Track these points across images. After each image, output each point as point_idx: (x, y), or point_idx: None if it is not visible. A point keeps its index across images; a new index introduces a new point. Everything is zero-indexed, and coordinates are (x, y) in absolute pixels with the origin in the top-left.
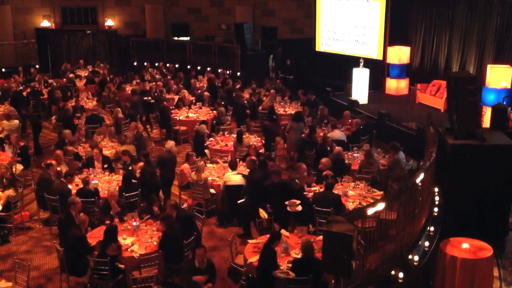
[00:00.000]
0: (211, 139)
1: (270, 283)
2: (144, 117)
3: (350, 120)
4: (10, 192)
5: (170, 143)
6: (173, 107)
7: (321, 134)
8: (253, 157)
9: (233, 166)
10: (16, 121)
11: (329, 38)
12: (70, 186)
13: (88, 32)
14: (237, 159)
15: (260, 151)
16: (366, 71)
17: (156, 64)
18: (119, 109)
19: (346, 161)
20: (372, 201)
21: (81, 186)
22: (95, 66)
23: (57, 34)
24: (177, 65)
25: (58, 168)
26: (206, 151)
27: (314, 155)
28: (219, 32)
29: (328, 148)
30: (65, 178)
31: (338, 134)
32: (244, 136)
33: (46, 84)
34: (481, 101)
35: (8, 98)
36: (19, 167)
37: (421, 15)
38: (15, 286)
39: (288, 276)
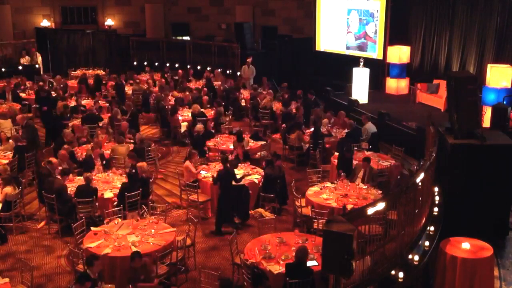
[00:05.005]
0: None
1: None
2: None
3: (344, 120)
4: (8, 190)
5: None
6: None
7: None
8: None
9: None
10: (8, 120)
11: (329, 38)
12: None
13: (88, 31)
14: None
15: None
16: (366, 71)
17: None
18: (117, 109)
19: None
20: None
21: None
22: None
23: (57, 34)
24: (177, 65)
25: (60, 167)
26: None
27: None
28: (219, 32)
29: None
30: (61, 176)
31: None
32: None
33: (50, 85)
34: (481, 100)
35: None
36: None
37: (421, 14)
38: (15, 286)
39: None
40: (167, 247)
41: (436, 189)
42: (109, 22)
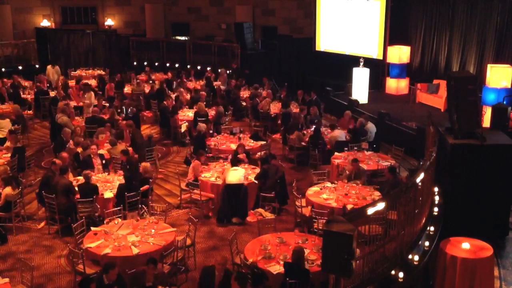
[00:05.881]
0: (216, 138)
1: None
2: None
3: (350, 120)
4: (8, 190)
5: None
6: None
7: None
8: None
9: (234, 163)
10: (7, 120)
11: (329, 38)
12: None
13: (88, 31)
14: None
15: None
16: (366, 71)
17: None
18: (113, 110)
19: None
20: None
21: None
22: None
23: (57, 34)
24: (177, 65)
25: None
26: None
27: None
28: (219, 32)
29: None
30: (61, 173)
31: (338, 134)
32: (241, 135)
33: (49, 85)
34: (481, 100)
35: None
36: None
37: (421, 14)
38: (15, 286)
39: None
40: (167, 247)
41: (436, 189)
42: (109, 22)
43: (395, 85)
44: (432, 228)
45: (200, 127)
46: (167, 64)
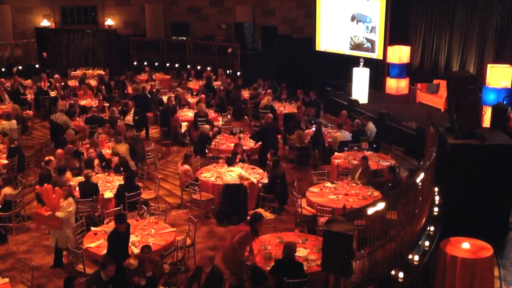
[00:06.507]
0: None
1: None
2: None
3: (346, 120)
4: (7, 190)
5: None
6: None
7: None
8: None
9: (229, 163)
10: (13, 121)
11: (329, 38)
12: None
13: (88, 31)
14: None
15: None
16: (366, 71)
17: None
18: (114, 108)
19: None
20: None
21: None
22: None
23: (57, 34)
24: (177, 65)
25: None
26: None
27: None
28: (219, 32)
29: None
30: (59, 173)
31: (344, 134)
32: (241, 135)
33: (50, 84)
34: (481, 100)
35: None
36: None
37: (421, 14)
38: (15, 286)
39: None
40: (167, 247)
41: (436, 189)
42: (109, 22)
43: (395, 85)
44: (432, 228)
45: (204, 128)
46: (167, 64)
